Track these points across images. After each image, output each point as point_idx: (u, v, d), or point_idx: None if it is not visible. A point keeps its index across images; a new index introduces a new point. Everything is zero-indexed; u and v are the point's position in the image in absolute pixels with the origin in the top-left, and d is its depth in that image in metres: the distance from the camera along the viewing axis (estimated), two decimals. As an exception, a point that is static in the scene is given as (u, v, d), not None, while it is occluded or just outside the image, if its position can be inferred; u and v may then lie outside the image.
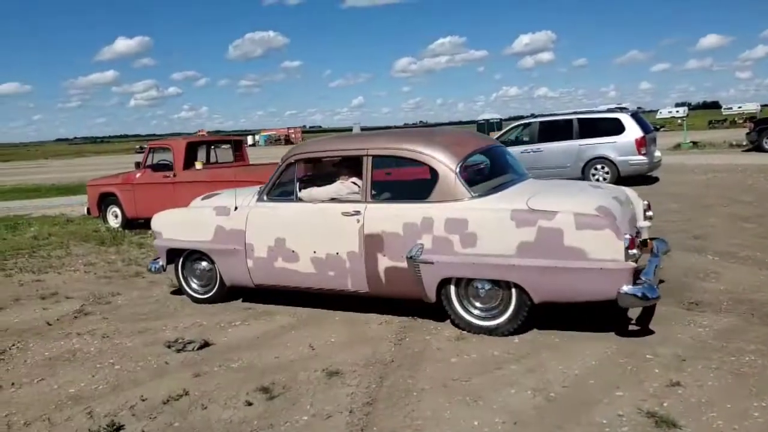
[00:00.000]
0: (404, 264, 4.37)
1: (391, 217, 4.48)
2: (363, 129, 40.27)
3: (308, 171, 5.41)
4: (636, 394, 3.24)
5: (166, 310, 5.43)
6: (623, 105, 13.84)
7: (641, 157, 12.16)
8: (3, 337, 4.89)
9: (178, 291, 5.76)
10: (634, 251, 3.87)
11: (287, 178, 5.05)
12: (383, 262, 4.51)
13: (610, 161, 12.28)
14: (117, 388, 3.76)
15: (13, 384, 3.91)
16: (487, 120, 34.22)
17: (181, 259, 5.59)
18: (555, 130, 13.16)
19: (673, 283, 5.24)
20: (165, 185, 9.51)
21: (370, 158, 4.68)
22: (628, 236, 3.85)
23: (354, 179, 4.89)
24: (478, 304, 4.36)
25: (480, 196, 4.34)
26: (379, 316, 4.86)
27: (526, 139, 13.83)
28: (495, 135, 15.30)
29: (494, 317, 4.29)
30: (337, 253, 4.67)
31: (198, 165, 9.50)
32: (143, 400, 3.54)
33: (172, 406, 3.45)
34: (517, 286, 4.14)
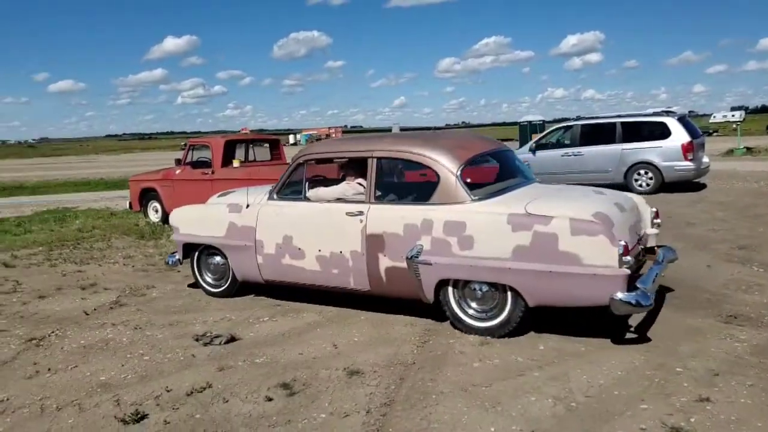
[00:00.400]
0: (404, 264, 4.45)
1: (393, 218, 4.56)
2: (402, 129, 40.32)
3: (317, 172, 5.55)
4: (661, 408, 3.14)
5: (198, 304, 5.55)
6: (672, 108, 13.38)
7: (687, 163, 11.75)
8: (44, 324, 5.09)
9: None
10: (628, 258, 3.83)
11: (296, 178, 5.20)
12: (384, 262, 4.60)
13: (654, 166, 11.92)
14: (144, 378, 3.86)
15: (49, 369, 4.07)
16: (530, 122, 33.66)
17: (196, 254, 5.80)
18: (597, 133, 12.87)
19: (712, 294, 5.06)
20: (203, 182, 9.71)
21: (375, 160, 4.78)
22: (623, 243, 3.81)
23: (360, 180, 4.99)
24: (474, 306, 4.41)
25: (480, 199, 4.40)
26: (404, 317, 4.85)
27: (566, 142, 13.56)
28: (536, 137, 15.05)
29: (490, 319, 4.34)
30: (341, 252, 4.79)
31: (235, 163, 9.67)
32: (168, 391, 3.63)
33: (195, 398, 3.52)
34: (512, 289, 4.18)
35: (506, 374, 3.68)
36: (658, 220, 5.00)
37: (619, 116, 12.96)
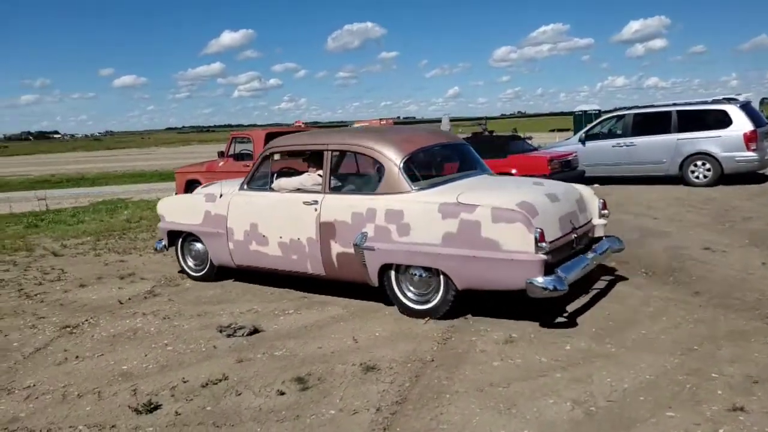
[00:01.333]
0: (352, 250, 4.75)
1: (343, 207, 4.87)
2: (452, 120, 39.79)
3: (283, 163, 5.92)
4: (689, 417, 2.92)
5: (228, 295, 5.60)
6: (740, 95, 12.55)
7: (750, 154, 11.05)
8: (80, 312, 5.25)
9: (241, 278, 5.93)
10: (544, 244, 4.03)
11: (264, 170, 5.58)
12: (335, 248, 4.90)
13: (713, 157, 11.28)
14: (164, 369, 3.91)
15: (77, 357, 4.18)
16: (585, 111, 32.56)
17: (180, 240, 6.19)
18: (651, 123, 12.27)
19: (763, 294, 4.71)
20: (244, 174, 9.83)
21: (330, 153, 5.13)
22: (539, 230, 4.02)
23: (320, 172, 5.22)
24: (412, 289, 4.68)
25: (421, 189, 4.67)
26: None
27: (618, 132, 13.02)
28: (588, 127, 14.50)
29: (426, 302, 4.61)
30: (299, 239, 5.11)
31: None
32: (184, 382, 3.66)
33: (209, 390, 3.54)
34: (443, 273, 4.42)
35: (526, 375, 3.53)
36: (606, 211, 5.18)
37: (675, 104, 12.34)
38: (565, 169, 11.21)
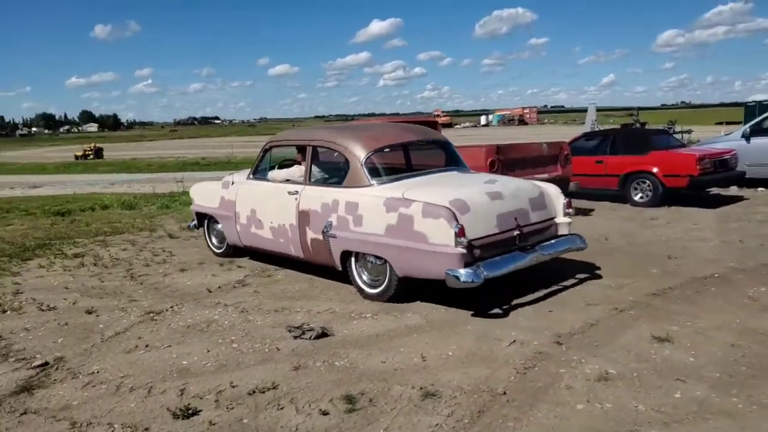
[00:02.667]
0: (321, 237, 5.22)
1: (315, 197, 5.34)
2: (599, 110, 37.13)
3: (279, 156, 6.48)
4: None
5: (312, 291, 5.41)
6: None
7: None
8: (170, 298, 5.34)
9: (329, 275, 5.71)
10: (463, 239, 4.31)
11: (265, 161, 6.18)
12: (309, 234, 5.40)
13: None
14: (220, 369, 3.76)
15: (147, 346, 4.19)
16: (759, 102, 28.77)
17: (206, 221, 6.96)
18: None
19: None
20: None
21: (311, 148, 5.66)
22: (459, 225, 4.32)
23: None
24: (367, 274, 5.11)
25: (381, 183, 5.03)
26: (518, 333, 4.16)
27: (790, 127, 11.08)
28: (754, 121, 12.52)
29: (376, 287, 5.01)
30: (284, 225, 5.65)
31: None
32: (233, 387, 3.47)
33: (254, 400, 3.30)
34: (387, 261, 4.79)
35: (614, 426, 2.87)
36: (570, 210, 5.32)
37: None
38: (720, 170, 9.73)
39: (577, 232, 5.43)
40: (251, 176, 6.24)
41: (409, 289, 4.86)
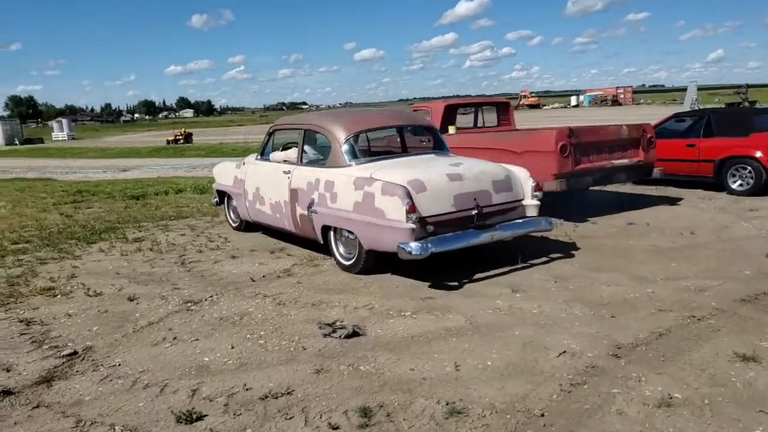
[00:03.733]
0: (306, 212, 5.67)
1: (303, 177, 5.79)
2: (699, 88, 34.35)
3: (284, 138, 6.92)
4: None
5: (355, 284, 5.12)
6: None
7: None
8: (212, 287, 5.24)
9: (379, 269, 5.40)
10: (413, 215, 4.66)
11: (270, 144, 6.75)
12: (298, 210, 5.86)
13: None
14: (240, 368, 3.55)
15: (174, 338, 4.06)
16: None
17: (226, 198, 7.56)
18: None
19: None
20: (422, 149, 9.28)
21: (303, 131, 6.13)
22: (409, 203, 4.67)
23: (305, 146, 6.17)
24: (342, 248, 5.51)
25: (359, 164, 5.40)
26: (571, 341, 3.68)
27: None
28: None
29: (350, 259, 5.39)
30: (279, 201, 6.15)
31: (451, 130, 8.96)
32: (246, 390, 3.24)
33: (263, 405, 3.06)
34: (356, 234, 5.17)
35: (670, 471, 2.37)
36: (538, 193, 5.52)
37: None
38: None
39: (649, 221, 4.79)
40: (258, 157, 6.84)
41: (379, 263, 5.23)
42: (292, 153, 6.36)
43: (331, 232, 5.54)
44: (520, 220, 5.41)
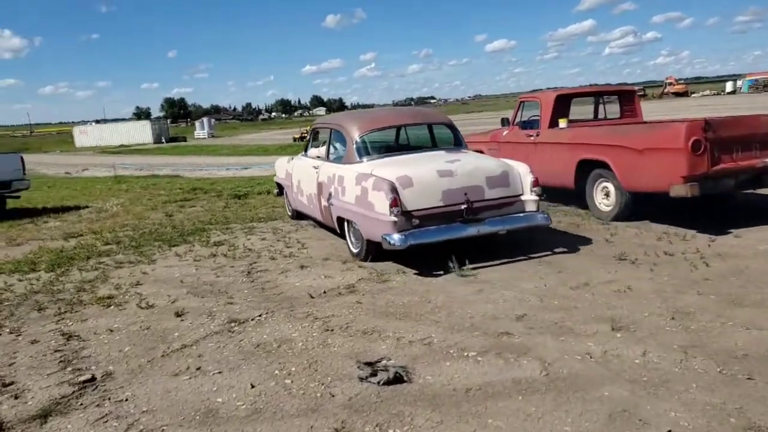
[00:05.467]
0: (327, 203, 6.13)
1: (326, 171, 6.25)
2: None
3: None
4: None
5: (422, 307, 4.38)
6: None
7: None
8: (267, 302, 4.75)
9: (447, 287, 4.62)
10: (396, 209, 5.05)
11: (312, 141, 7.32)
12: (322, 202, 6.29)
13: None
14: (251, 416, 2.96)
15: (198, 369, 3.57)
16: None
17: (283, 190, 8.36)
18: None
19: None
20: (527, 146, 8.24)
21: (329, 130, 6.67)
22: (392, 197, 5.07)
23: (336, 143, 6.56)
24: (353, 237, 5.92)
25: (368, 160, 5.87)
26: (681, 413, 2.68)
27: None
28: None
29: (357, 247, 5.83)
30: (311, 194, 6.67)
31: (562, 123, 7.82)
32: (243, 451, 2.64)
33: (254, 479, 2.44)
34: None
35: None
36: (536, 188, 5.60)
37: None
38: None
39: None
40: (303, 153, 7.45)
41: (380, 253, 5.44)
42: (323, 150, 6.77)
43: (346, 223, 5.94)
44: (518, 215, 5.53)
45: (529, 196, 5.59)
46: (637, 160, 6.31)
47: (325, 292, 4.92)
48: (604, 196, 7.01)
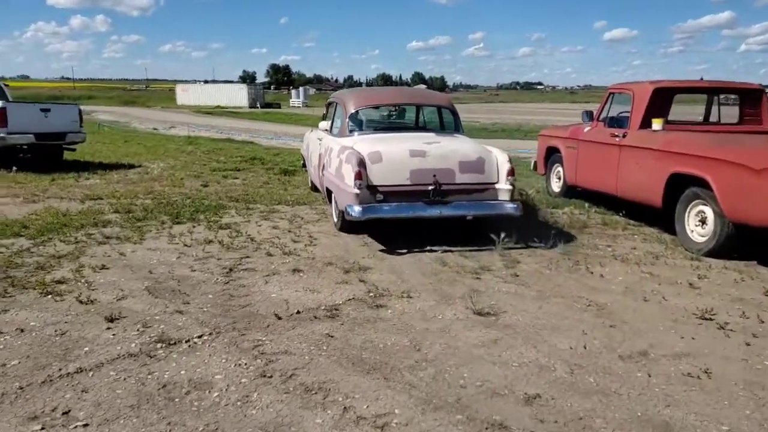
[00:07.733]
0: (322, 174, 6.41)
1: (325, 144, 6.57)
2: None
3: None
4: None
5: (408, 356, 3.22)
6: None
7: None
8: (216, 319, 3.77)
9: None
10: (359, 182, 5.23)
11: (326, 113, 7.73)
12: (320, 172, 6.56)
13: None
14: None
15: (64, 415, 2.62)
16: None
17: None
18: None
19: None
20: (610, 148, 6.72)
21: (334, 104, 7.10)
22: (356, 171, 5.23)
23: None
24: (335, 207, 6.01)
25: (359, 135, 6.07)
26: None
27: None
28: None
29: (336, 218, 6.02)
30: (316, 164, 7.03)
31: (656, 124, 6.19)
32: None
33: None
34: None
35: None
36: (511, 177, 5.59)
37: None
38: None
39: None
40: (317, 127, 7.71)
41: (356, 225, 5.50)
42: (329, 123, 7.01)
43: (333, 194, 5.98)
44: (487, 202, 5.55)
45: (504, 185, 5.58)
46: (750, 181, 4.74)
47: (298, 312, 3.88)
48: (698, 223, 5.44)
